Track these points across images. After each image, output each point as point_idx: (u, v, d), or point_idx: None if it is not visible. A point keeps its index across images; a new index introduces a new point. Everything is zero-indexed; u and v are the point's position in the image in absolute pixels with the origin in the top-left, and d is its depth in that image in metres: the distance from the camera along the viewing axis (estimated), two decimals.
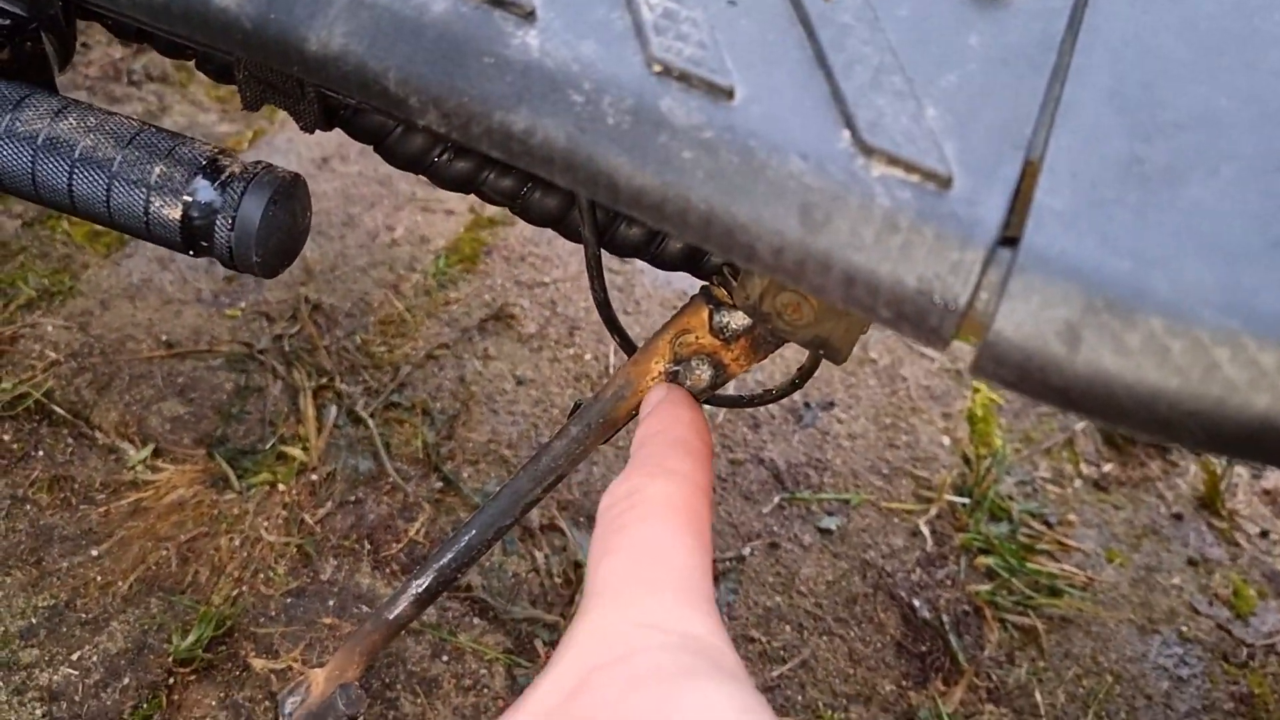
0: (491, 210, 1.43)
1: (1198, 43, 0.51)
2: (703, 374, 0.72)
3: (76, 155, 0.64)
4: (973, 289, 0.42)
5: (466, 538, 0.81)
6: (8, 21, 0.69)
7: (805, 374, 0.77)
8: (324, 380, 1.14)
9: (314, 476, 1.06)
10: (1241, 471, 1.43)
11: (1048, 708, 1.08)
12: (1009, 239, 0.43)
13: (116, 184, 0.64)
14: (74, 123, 0.64)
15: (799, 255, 0.46)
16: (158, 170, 0.63)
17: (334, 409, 1.12)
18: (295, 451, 1.07)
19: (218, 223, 0.63)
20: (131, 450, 1.04)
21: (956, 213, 0.43)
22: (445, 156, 0.70)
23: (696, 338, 0.71)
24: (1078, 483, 1.33)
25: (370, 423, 1.12)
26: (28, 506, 0.98)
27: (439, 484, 1.09)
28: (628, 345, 0.75)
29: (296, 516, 1.02)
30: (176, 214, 0.63)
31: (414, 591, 0.83)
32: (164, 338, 1.14)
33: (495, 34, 0.48)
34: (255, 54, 0.52)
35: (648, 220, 0.48)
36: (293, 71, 0.52)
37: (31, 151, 0.64)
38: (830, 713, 1.02)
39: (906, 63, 0.47)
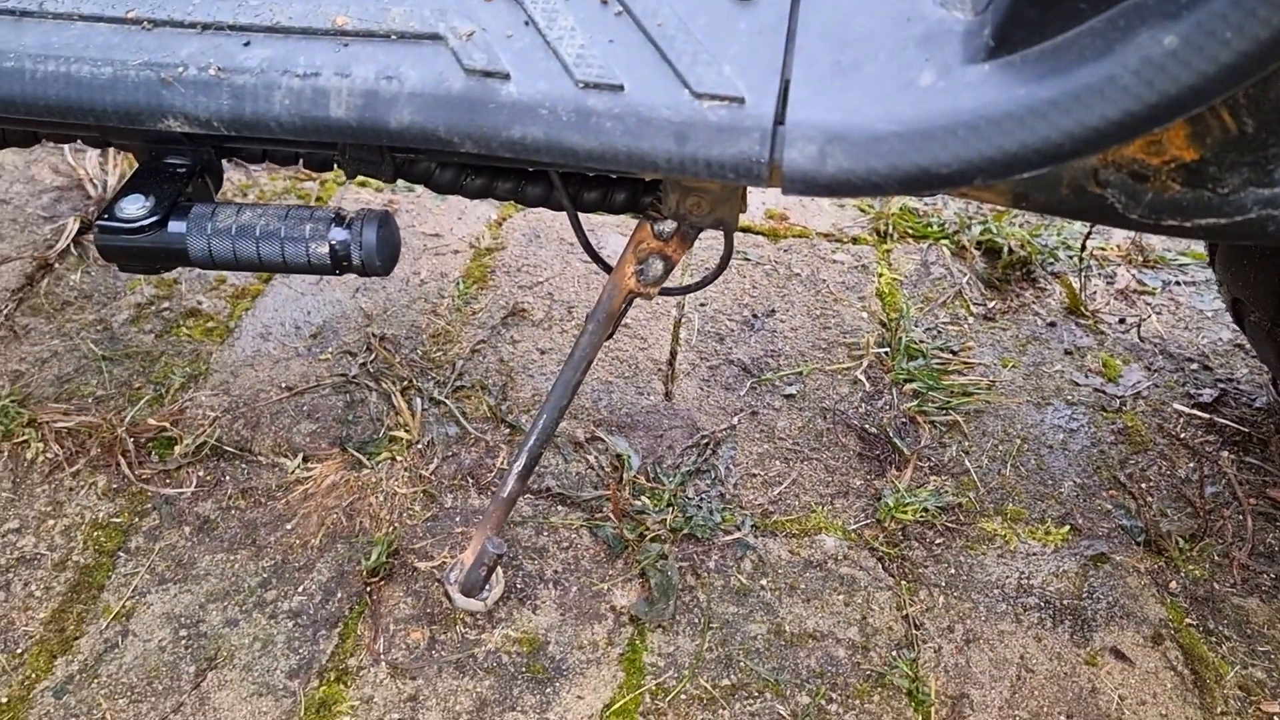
0: (487, 242, 1.86)
1: None
2: (657, 266, 1.14)
3: (258, 233, 1.05)
4: (769, 150, 0.85)
5: (542, 422, 1.22)
6: (184, 168, 1.11)
7: (724, 260, 1.19)
8: (405, 383, 1.56)
9: (419, 446, 1.47)
10: (1098, 282, 1.85)
11: (976, 469, 1.49)
12: (780, 121, 0.85)
13: (287, 244, 1.05)
14: (249, 215, 1.06)
15: (679, 160, 0.88)
16: (308, 228, 1.05)
17: (418, 399, 1.54)
18: (401, 434, 1.48)
19: (351, 249, 1.05)
20: (288, 461, 1.45)
21: (751, 114, 0.86)
22: (469, 178, 1.12)
23: (648, 245, 1.13)
24: (970, 320, 1.75)
25: (447, 402, 1.53)
26: (233, 511, 1.39)
27: (506, 430, 1.50)
28: (607, 266, 1.17)
29: (416, 474, 1.43)
30: (326, 250, 1.05)
31: (517, 470, 1.24)
32: (284, 385, 1.56)
33: (492, 90, 0.91)
34: (358, 140, 0.93)
35: (596, 166, 0.90)
36: (382, 144, 0.94)
37: (230, 239, 1.06)
38: (820, 507, 1.42)
39: (709, 46, 0.90)
